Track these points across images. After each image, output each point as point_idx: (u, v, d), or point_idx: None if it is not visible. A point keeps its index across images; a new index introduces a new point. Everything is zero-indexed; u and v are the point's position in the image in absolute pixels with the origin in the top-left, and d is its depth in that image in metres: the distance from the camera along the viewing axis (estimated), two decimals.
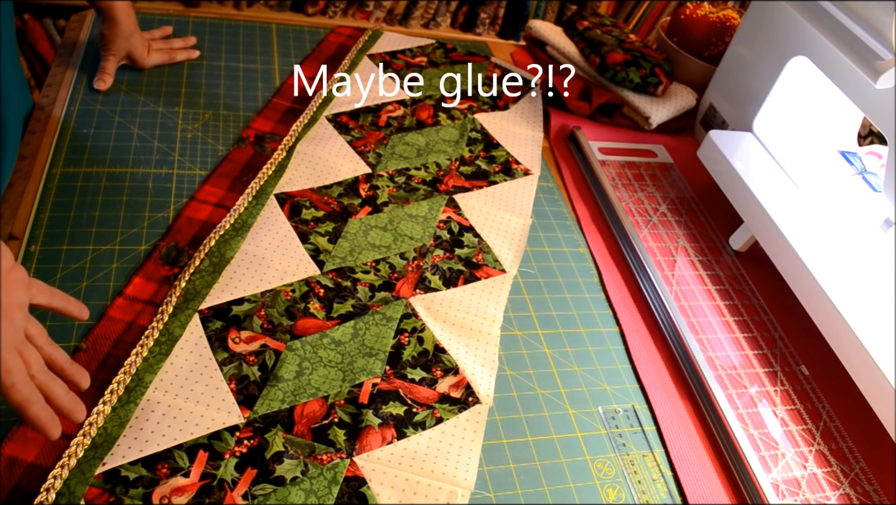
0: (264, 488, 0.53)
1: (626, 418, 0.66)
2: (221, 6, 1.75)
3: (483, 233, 0.79)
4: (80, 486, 0.50)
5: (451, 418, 0.61)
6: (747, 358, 0.74)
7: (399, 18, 1.89)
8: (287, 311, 0.65)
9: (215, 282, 0.66)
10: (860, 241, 0.76)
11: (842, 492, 0.64)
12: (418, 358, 0.65)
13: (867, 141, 1.17)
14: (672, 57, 1.09)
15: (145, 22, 0.95)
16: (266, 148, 0.83)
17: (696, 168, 0.95)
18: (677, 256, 0.85)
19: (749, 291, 0.82)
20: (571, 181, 0.92)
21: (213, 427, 0.55)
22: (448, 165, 0.87)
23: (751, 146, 0.88)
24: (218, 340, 0.62)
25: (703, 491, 0.62)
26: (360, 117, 0.91)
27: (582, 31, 1.08)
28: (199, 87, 0.90)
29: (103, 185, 0.74)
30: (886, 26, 0.68)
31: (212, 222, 0.72)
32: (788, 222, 0.76)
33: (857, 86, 0.74)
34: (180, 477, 0.52)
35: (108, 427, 0.54)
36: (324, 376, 0.61)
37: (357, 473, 0.55)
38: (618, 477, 0.61)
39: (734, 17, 1.09)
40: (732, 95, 0.98)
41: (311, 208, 0.76)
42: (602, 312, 0.76)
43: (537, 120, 0.99)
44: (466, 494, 0.56)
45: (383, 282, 0.71)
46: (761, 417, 0.69)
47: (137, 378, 0.57)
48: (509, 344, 0.70)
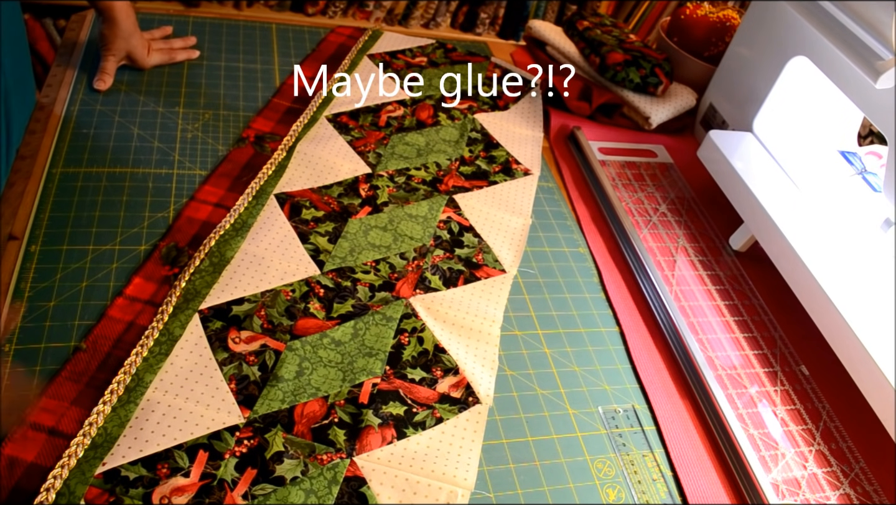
0: (264, 488, 0.53)
1: (626, 418, 0.66)
2: (221, 6, 1.75)
3: (483, 233, 0.79)
4: (80, 486, 0.50)
5: (451, 418, 0.61)
6: (747, 358, 0.74)
7: (399, 18, 1.89)
8: (287, 311, 0.65)
9: (215, 282, 0.66)
10: (860, 241, 0.76)
11: (842, 492, 0.64)
12: (418, 358, 0.65)
13: (867, 141, 1.17)
14: (672, 57, 1.09)
15: (145, 22, 0.95)
16: (266, 148, 0.83)
17: (696, 168, 0.95)
18: (677, 256, 0.85)
19: (749, 291, 0.82)
20: (571, 181, 0.92)
21: (213, 427, 0.55)
22: (448, 165, 0.87)
23: (751, 146, 0.88)
24: (218, 340, 0.62)
25: (703, 491, 0.62)
26: (360, 117, 0.91)
27: (582, 31, 1.09)
28: (199, 87, 0.90)
29: (103, 185, 0.74)
30: (886, 26, 0.68)
31: (212, 222, 0.72)
32: (788, 222, 0.76)
33: (857, 86, 0.74)
34: (180, 477, 0.52)
35: (108, 427, 0.54)
36: (324, 376, 0.61)
37: (357, 473, 0.55)
38: (618, 477, 0.61)
39: (734, 17, 1.09)
40: (732, 95, 0.98)
41: (311, 208, 0.76)
42: (602, 312, 0.76)
43: (537, 120, 0.99)
44: (466, 494, 0.56)
45: (383, 282, 0.71)
46: (761, 417, 0.69)
47: (137, 378, 0.57)
48: (509, 344, 0.69)
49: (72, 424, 0.54)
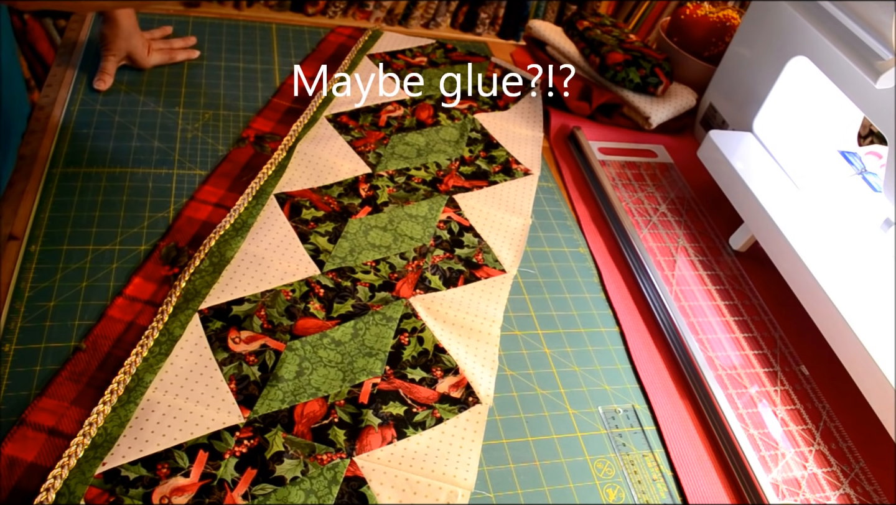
0: (264, 488, 0.53)
1: (626, 418, 0.66)
2: (221, 6, 1.75)
3: (483, 233, 0.79)
4: (80, 486, 0.50)
5: (451, 418, 0.61)
6: (747, 358, 0.74)
7: (399, 18, 1.89)
8: (287, 311, 0.65)
9: (215, 282, 0.66)
10: (860, 241, 0.76)
11: (842, 492, 0.64)
12: (418, 358, 0.65)
13: (867, 141, 1.17)
14: (672, 57, 1.09)
15: (145, 22, 0.95)
16: (266, 148, 0.83)
17: (696, 168, 0.95)
18: (677, 256, 0.84)
19: (749, 291, 0.82)
20: (571, 181, 0.92)
21: (213, 427, 0.55)
22: (448, 165, 0.87)
23: (751, 146, 0.88)
24: (218, 339, 0.62)
25: (703, 491, 0.62)
26: (360, 117, 0.91)
27: (582, 31, 1.08)
28: (199, 87, 0.90)
29: (103, 185, 0.73)
30: (886, 26, 0.68)
31: (212, 222, 0.72)
32: (788, 222, 0.76)
33: (857, 86, 0.74)
34: (180, 477, 0.52)
35: (108, 427, 0.54)
36: (324, 376, 0.61)
37: (357, 473, 0.55)
38: (618, 477, 0.61)
39: (734, 17, 1.09)
40: (732, 95, 0.98)
41: (311, 208, 0.76)
42: (602, 312, 0.76)
43: (537, 120, 0.99)
44: (466, 494, 0.56)
45: (383, 282, 0.71)
46: (761, 417, 0.69)
47: (137, 378, 0.57)
48: (509, 344, 0.69)
49: (72, 424, 0.54)
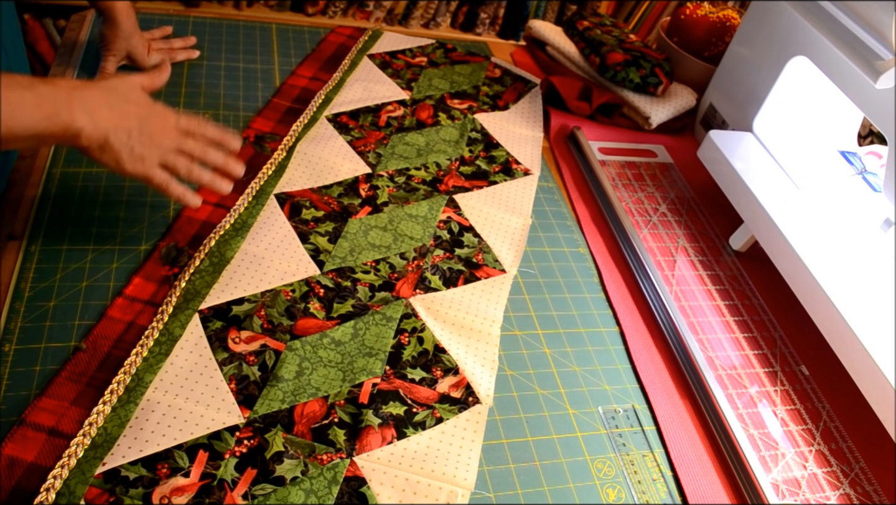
0: (264, 488, 0.53)
1: (626, 418, 0.66)
2: (221, 6, 1.75)
3: (483, 233, 0.79)
4: (80, 486, 0.50)
5: (451, 418, 0.61)
6: (747, 358, 0.74)
7: (399, 18, 1.89)
8: (287, 311, 0.65)
9: (215, 282, 0.66)
10: (860, 241, 0.76)
11: (842, 492, 0.64)
12: (418, 358, 0.65)
13: (867, 141, 1.17)
14: (672, 57, 1.09)
15: (145, 22, 0.95)
16: (266, 148, 0.83)
17: (696, 168, 0.95)
18: (677, 256, 0.85)
19: (749, 291, 0.82)
20: (571, 181, 0.92)
21: (213, 427, 0.55)
22: (448, 165, 0.87)
23: (751, 146, 0.88)
24: (218, 340, 0.62)
25: (703, 491, 0.62)
26: (360, 117, 0.91)
27: (582, 31, 1.09)
28: (199, 87, 0.90)
29: (103, 185, 0.73)
30: (886, 26, 0.68)
31: (212, 222, 0.72)
32: (788, 222, 0.76)
33: (857, 86, 0.74)
34: (180, 477, 0.52)
35: (108, 427, 0.54)
36: (324, 376, 0.61)
37: (357, 473, 0.55)
38: (618, 477, 0.61)
39: (734, 17, 1.09)
40: (732, 95, 0.98)
41: (311, 208, 0.76)
42: (602, 312, 0.76)
43: (537, 120, 0.99)
44: (466, 494, 0.56)
45: (383, 282, 0.71)
46: (761, 417, 0.69)
47: (137, 378, 0.57)
48: (509, 344, 0.69)
49: (72, 424, 0.54)
